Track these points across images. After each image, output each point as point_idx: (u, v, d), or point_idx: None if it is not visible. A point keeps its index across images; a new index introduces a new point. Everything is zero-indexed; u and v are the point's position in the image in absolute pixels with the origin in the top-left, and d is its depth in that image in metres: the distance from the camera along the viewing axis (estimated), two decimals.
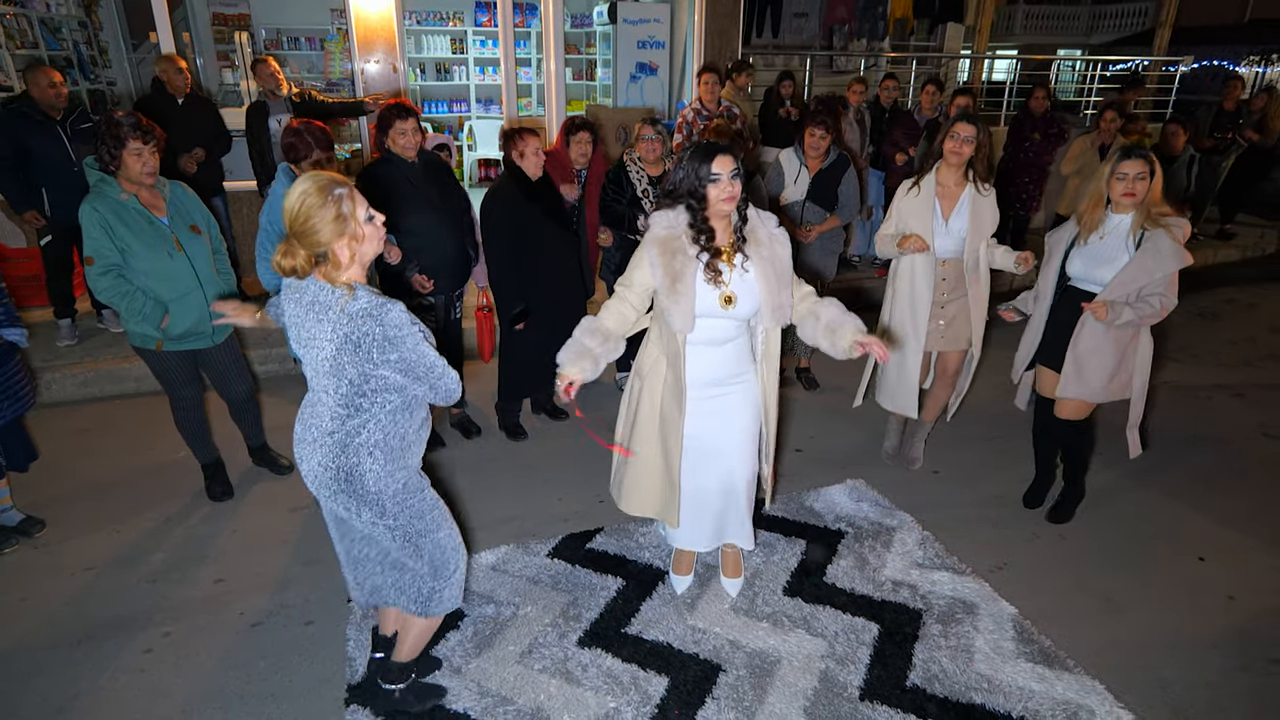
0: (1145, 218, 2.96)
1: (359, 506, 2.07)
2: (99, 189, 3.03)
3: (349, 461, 2.03)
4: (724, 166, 2.35)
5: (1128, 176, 2.93)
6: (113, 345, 4.93)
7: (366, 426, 2.01)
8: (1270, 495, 3.77)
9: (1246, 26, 20.46)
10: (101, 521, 3.43)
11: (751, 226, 2.50)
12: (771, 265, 2.47)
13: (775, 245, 2.50)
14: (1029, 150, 6.53)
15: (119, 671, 2.61)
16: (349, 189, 1.91)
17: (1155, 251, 2.94)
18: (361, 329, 1.88)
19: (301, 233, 1.86)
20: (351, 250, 1.92)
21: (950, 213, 3.45)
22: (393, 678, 2.38)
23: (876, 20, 11.51)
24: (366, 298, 1.91)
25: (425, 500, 2.17)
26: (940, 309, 3.56)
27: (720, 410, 2.62)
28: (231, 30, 8.09)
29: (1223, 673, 2.65)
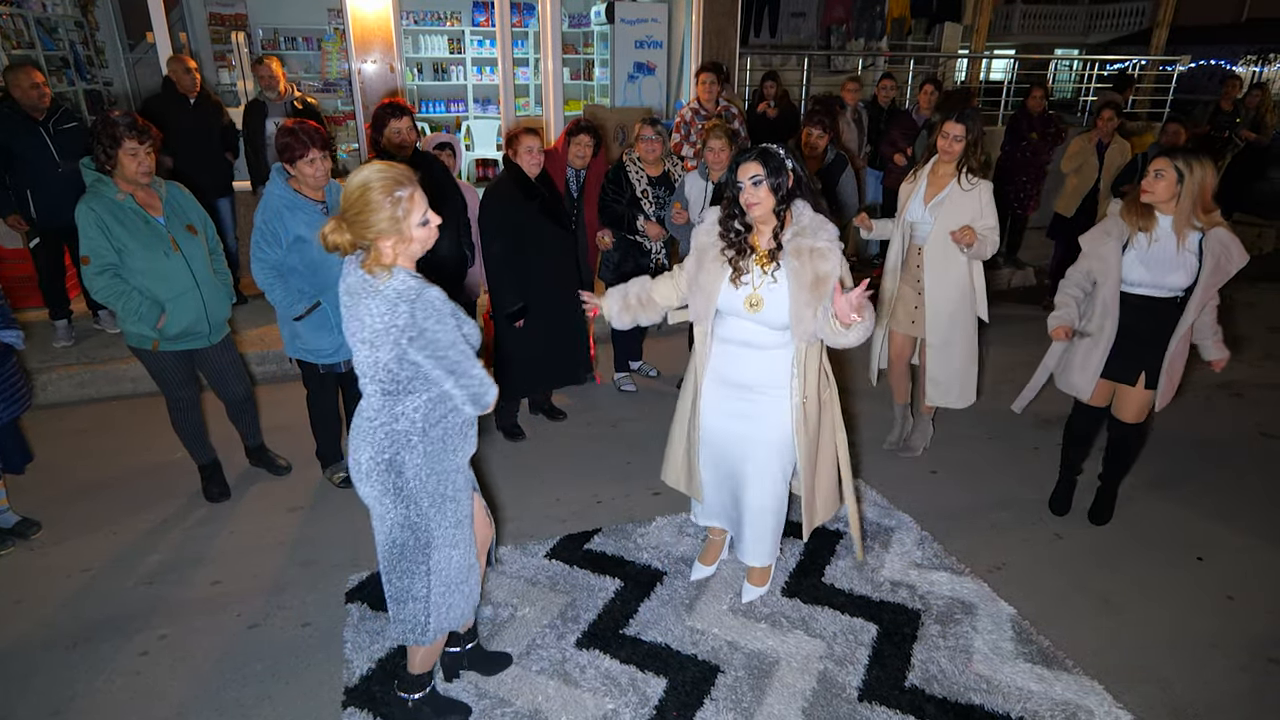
0: (1193, 218, 2.91)
1: (394, 502, 2.04)
2: (95, 189, 3.02)
3: (396, 454, 2.01)
4: (744, 174, 2.39)
5: (1148, 174, 2.94)
6: (109, 346, 4.92)
7: (405, 415, 1.99)
8: (1268, 494, 3.77)
9: (1243, 26, 20.51)
10: (98, 523, 3.42)
11: (795, 235, 2.43)
12: (803, 278, 2.40)
13: (815, 259, 2.40)
14: (1026, 150, 6.54)
15: (115, 674, 2.60)
16: (411, 191, 1.90)
17: (1225, 249, 2.92)
18: (394, 310, 1.86)
19: (353, 220, 1.87)
20: (396, 250, 1.91)
21: (932, 198, 3.54)
22: (407, 687, 2.34)
23: (874, 20, 11.52)
24: (404, 281, 1.88)
25: (455, 514, 2.13)
26: (916, 294, 3.66)
27: (747, 415, 2.63)
28: (228, 30, 8.06)
29: (1222, 672, 2.65)
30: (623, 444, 4.14)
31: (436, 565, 2.12)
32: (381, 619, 2.81)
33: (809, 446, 2.65)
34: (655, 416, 4.43)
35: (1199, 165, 2.87)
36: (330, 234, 1.90)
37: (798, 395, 2.57)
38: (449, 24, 9.27)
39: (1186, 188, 2.87)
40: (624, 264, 4.44)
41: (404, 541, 2.09)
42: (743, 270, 2.48)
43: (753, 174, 2.37)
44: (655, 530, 3.36)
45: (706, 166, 4.16)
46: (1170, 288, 3.02)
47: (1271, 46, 20.13)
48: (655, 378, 4.95)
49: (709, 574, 3.07)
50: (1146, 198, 2.94)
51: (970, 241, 3.33)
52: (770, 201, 2.40)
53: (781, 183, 2.39)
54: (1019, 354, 5.34)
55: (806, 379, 2.56)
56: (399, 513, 2.06)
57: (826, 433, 2.75)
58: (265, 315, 5.30)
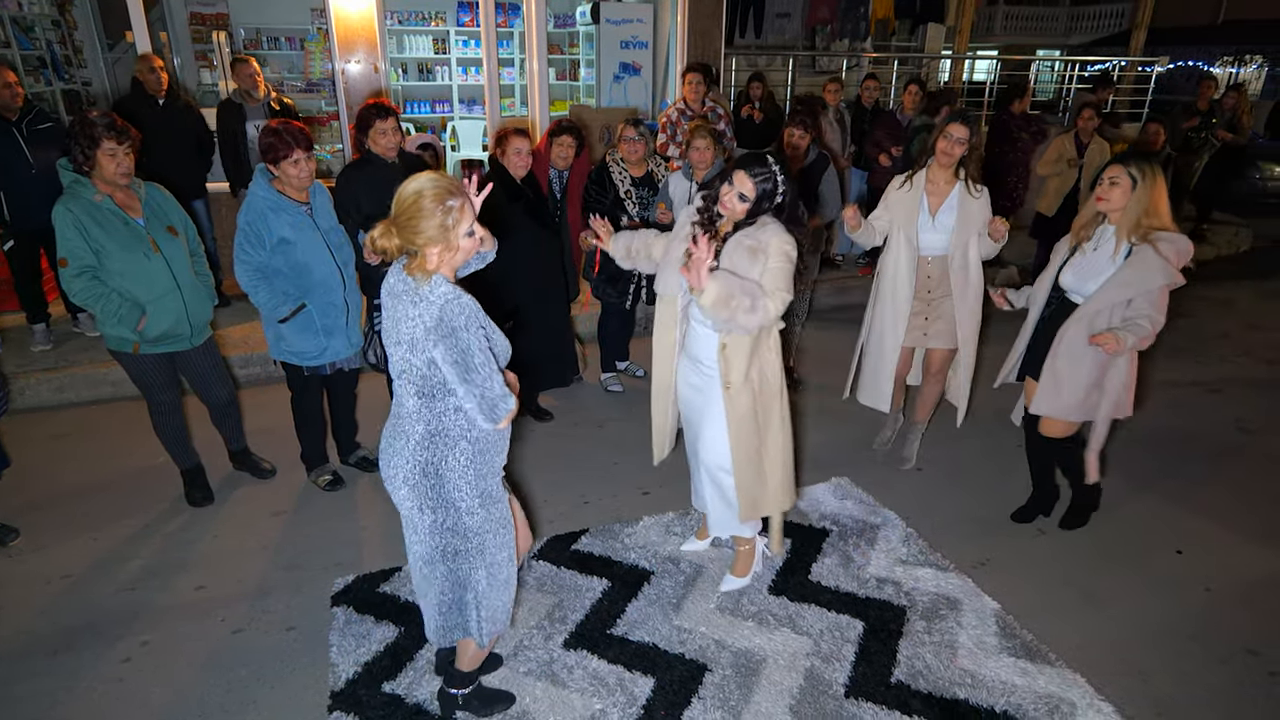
0: (1132, 229, 2.84)
1: (435, 508, 2.06)
2: (73, 190, 2.99)
3: (435, 456, 2.03)
4: (739, 183, 2.49)
5: (1103, 181, 2.91)
6: (89, 349, 4.86)
7: (447, 416, 2.02)
8: (1245, 488, 3.82)
9: (1220, 28, 20.76)
10: (78, 529, 3.38)
11: (743, 233, 2.56)
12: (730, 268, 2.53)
13: (744, 258, 2.52)
14: (1017, 149, 6.58)
15: (97, 681, 2.57)
16: (461, 202, 1.94)
17: (1139, 265, 2.83)
18: (426, 314, 1.90)
19: (403, 226, 1.91)
20: (442, 258, 1.95)
21: (938, 209, 3.47)
22: (457, 684, 2.38)
23: (858, 21, 11.59)
24: (442, 287, 1.93)
25: (499, 514, 2.15)
26: (926, 305, 3.58)
27: (701, 388, 2.76)
28: (210, 30, 8.00)
29: (1201, 664, 2.69)
30: (610, 444, 4.14)
31: (489, 565, 2.15)
32: (368, 622, 2.80)
33: (736, 433, 2.70)
34: (642, 417, 4.40)
35: (1151, 173, 2.83)
36: (379, 238, 1.93)
37: (723, 379, 2.66)
38: (434, 24, 9.24)
39: (1137, 195, 2.82)
40: (608, 264, 4.43)
41: (450, 546, 2.12)
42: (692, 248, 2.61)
43: (743, 191, 2.49)
44: (642, 530, 3.36)
45: (690, 166, 4.17)
46: (1086, 295, 2.98)
47: (1247, 48, 20.43)
48: (642, 378, 4.96)
49: (699, 548, 3.20)
50: (1102, 205, 2.90)
51: (1003, 231, 3.33)
52: (741, 216, 2.55)
53: (762, 208, 2.53)
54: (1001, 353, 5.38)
55: (731, 365, 2.62)
56: (440, 517, 2.08)
57: (758, 425, 2.74)
58: (248, 317, 5.26)
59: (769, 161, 2.49)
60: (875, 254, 3.68)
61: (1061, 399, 3.07)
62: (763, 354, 2.68)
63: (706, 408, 2.75)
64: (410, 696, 2.49)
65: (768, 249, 2.51)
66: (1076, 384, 3.03)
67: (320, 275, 3.27)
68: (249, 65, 5.34)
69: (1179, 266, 2.83)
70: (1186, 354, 5.60)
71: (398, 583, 3.01)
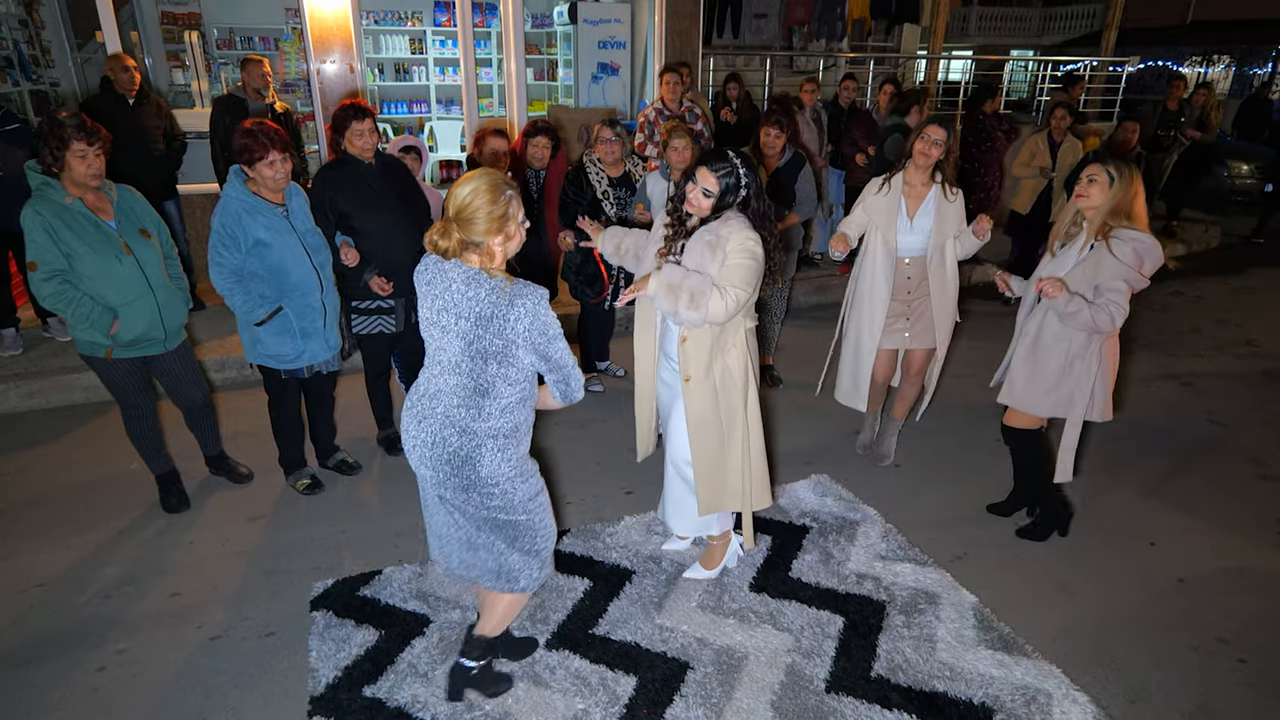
0: (1099, 227, 2.87)
1: (467, 491, 2.14)
2: (42, 192, 2.94)
3: (469, 445, 2.10)
4: (701, 179, 2.53)
5: (1082, 179, 2.92)
6: (60, 354, 4.79)
7: (491, 413, 2.09)
8: (1216, 480, 3.90)
9: (1188, 28, 21.13)
10: (50, 537, 3.33)
11: (705, 228, 2.58)
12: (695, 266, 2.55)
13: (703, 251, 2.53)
14: (990, 148, 6.66)
15: (71, 690, 2.53)
16: (514, 194, 2.04)
17: (1092, 262, 2.87)
18: (502, 307, 1.98)
19: (465, 220, 1.99)
20: (504, 247, 2.06)
21: (915, 212, 3.51)
22: (476, 654, 2.42)
23: (835, 21, 11.66)
24: (529, 293, 2.02)
25: (533, 485, 2.25)
26: (906, 306, 3.61)
27: (670, 383, 2.80)
28: (181, 29, 7.90)
29: (1174, 653, 2.74)
30: (591, 444, 4.14)
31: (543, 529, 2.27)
32: (348, 626, 2.78)
33: (695, 428, 2.71)
34: (623, 417, 4.43)
35: (1129, 172, 2.85)
36: (439, 238, 2.01)
37: (681, 372, 2.67)
38: (410, 24, 9.18)
39: (1111, 192, 2.84)
40: (586, 265, 4.44)
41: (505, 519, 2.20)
42: (671, 250, 2.67)
43: (706, 186, 2.52)
44: (624, 530, 3.37)
45: (668, 166, 4.18)
46: None
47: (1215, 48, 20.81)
48: (622, 378, 4.96)
49: (680, 547, 3.22)
50: (1082, 203, 2.92)
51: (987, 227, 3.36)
52: (707, 211, 2.57)
53: (727, 202, 2.55)
54: (980, 349, 5.45)
55: (690, 359, 2.63)
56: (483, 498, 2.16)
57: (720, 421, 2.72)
58: (224, 321, 5.19)
59: (729, 157, 2.52)
60: (853, 253, 3.71)
61: (1024, 391, 3.11)
62: (726, 350, 2.67)
63: (674, 402, 2.78)
64: (391, 700, 2.47)
65: (726, 243, 2.52)
66: (1039, 376, 3.06)
67: (297, 277, 3.24)
68: (261, 65, 5.32)
69: (1140, 266, 2.82)
70: (1158, 348, 5.70)
71: (378, 586, 2.99)
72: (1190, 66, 20.93)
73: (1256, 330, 6.16)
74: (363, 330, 3.73)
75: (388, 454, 4.00)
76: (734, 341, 2.67)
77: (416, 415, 2.17)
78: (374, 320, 3.71)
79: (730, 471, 2.79)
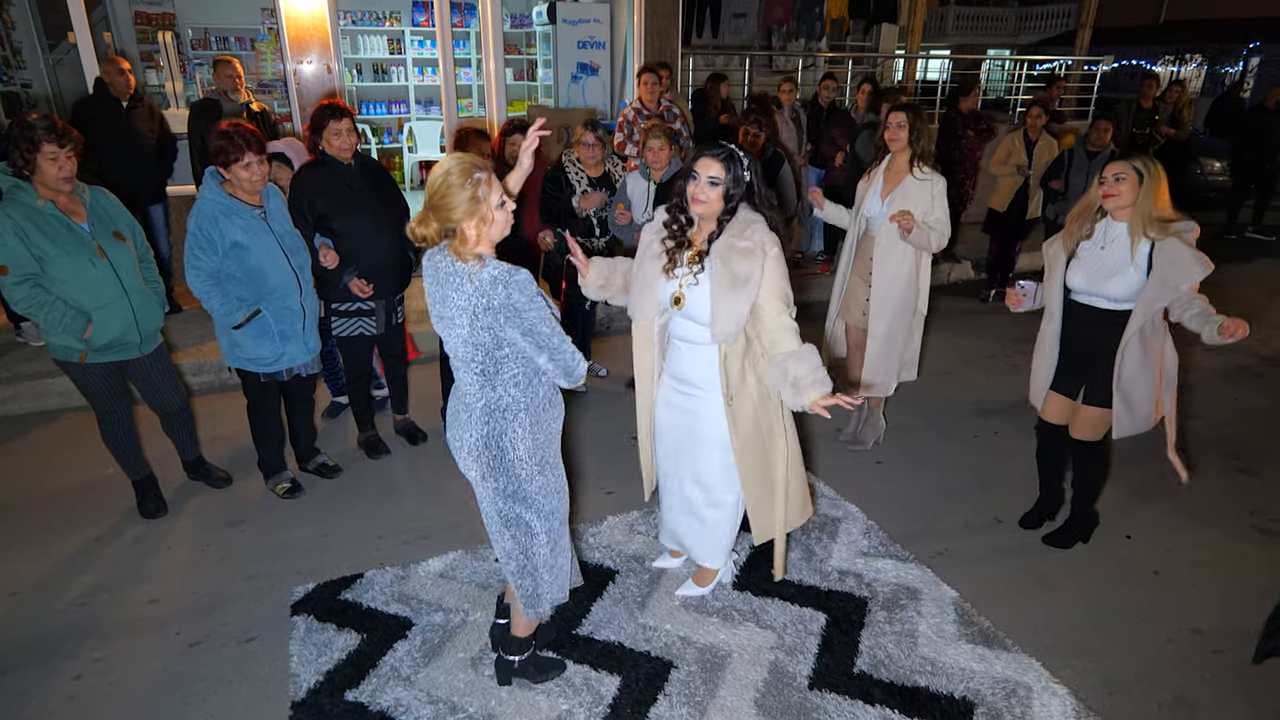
0: (1147, 224, 2.75)
1: (498, 474, 2.18)
2: (13, 195, 2.90)
3: (498, 427, 2.14)
4: (703, 169, 2.37)
5: (1106, 179, 2.81)
6: (33, 359, 4.71)
7: (508, 391, 2.13)
8: (1192, 473, 3.94)
9: (1161, 28, 21.43)
10: (25, 544, 3.27)
11: (731, 236, 2.40)
12: (725, 279, 2.38)
13: (740, 260, 2.37)
14: (964, 147, 6.72)
15: (48, 699, 2.49)
16: (488, 174, 2.04)
17: (1174, 262, 2.72)
18: (490, 294, 1.99)
19: (437, 206, 2.00)
20: (479, 231, 2.04)
21: (889, 193, 3.63)
22: (513, 649, 2.48)
23: (814, 21, 11.72)
24: (495, 266, 2.02)
25: (552, 481, 2.28)
26: (868, 286, 3.74)
27: (690, 410, 2.64)
28: (155, 30, 7.80)
29: (1150, 644, 2.78)
30: (573, 444, 4.13)
31: (549, 530, 2.29)
32: (329, 630, 2.76)
33: (742, 448, 2.60)
34: (605, 417, 4.43)
35: (1155, 167, 2.77)
36: (418, 227, 2.03)
37: (723, 393, 2.54)
38: (388, 24, 9.13)
39: (1145, 189, 2.75)
40: (563, 265, 4.43)
41: (515, 512, 2.24)
42: (676, 263, 2.49)
43: (711, 174, 2.36)
44: (606, 530, 3.37)
45: (648, 166, 4.19)
46: (1110, 298, 2.87)
47: (1187, 47, 21.13)
48: (604, 378, 4.96)
49: (671, 565, 3.12)
50: (1111, 203, 2.81)
51: (909, 226, 3.41)
52: (718, 206, 2.40)
53: (736, 192, 2.39)
54: (957, 346, 5.50)
55: (729, 378, 2.51)
56: (505, 483, 2.20)
57: (764, 436, 2.62)
58: (202, 324, 5.14)
59: (722, 143, 2.41)
60: (834, 250, 3.80)
61: (1138, 417, 2.99)
62: (756, 361, 2.52)
63: (690, 425, 2.65)
64: (374, 704, 2.46)
65: (765, 247, 2.37)
66: (1145, 396, 2.95)
67: (275, 280, 3.21)
68: (231, 66, 5.26)
69: None
70: None
71: (359, 590, 2.97)
72: (1163, 65, 21.21)
73: None
74: (343, 332, 3.70)
75: (369, 457, 3.97)
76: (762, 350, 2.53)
77: (452, 420, 2.25)
78: (354, 322, 3.68)
79: (778, 491, 2.68)
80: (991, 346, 5.56)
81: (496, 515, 2.27)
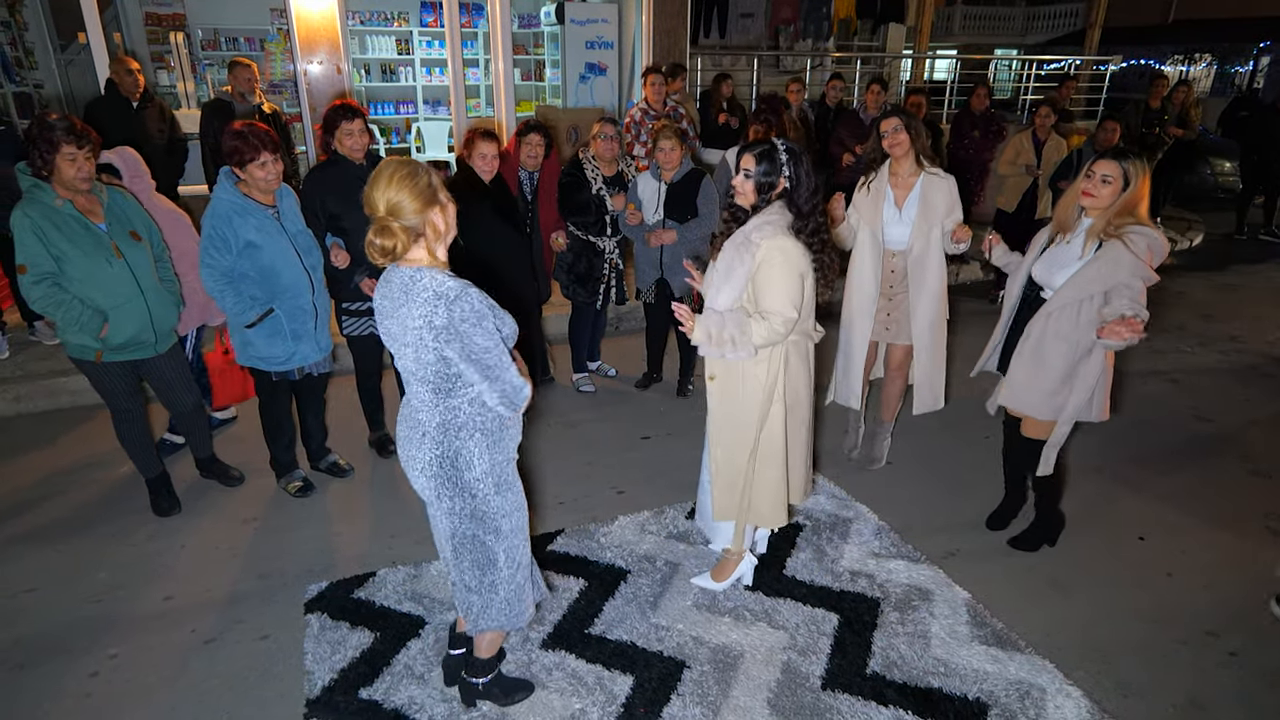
0: (1105, 225, 2.76)
1: (454, 494, 2.09)
2: (32, 195, 2.92)
3: (453, 446, 2.05)
4: (744, 163, 2.53)
5: (1094, 176, 2.77)
6: (48, 358, 4.74)
7: (460, 408, 2.04)
8: (1204, 475, 3.95)
9: (1170, 27, 21.34)
10: (41, 542, 3.30)
11: (740, 230, 2.54)
12: (722, 267, 2.54)
13: (735, 252, 2.50)
14: (969, 147, 6.72)
15: (63, 696, 2.51)
16: (428, 166, 1.97)
17: (1108, 261, 2.73)
18: (434, 310, 1.89)
19: (395, 204, 1.89)
20: (444, 218, 1.96)
21: (904, 202, 3.49)
22: (477, 671, 2.42)
23: (821, 21, 11.72)
24: (443, 282, 1.92)
25: (515, 499, 2.19)
26: (889, 301, 3.59)
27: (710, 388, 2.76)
28: (166, 30, 7.84)
29: (1163, 647, 2.77)
30: (583, 444, 4.14)
31: (507, 551, 2.19)
32: (343, 628, 2.77)
33: (717, 428, 2.72)
34: (614, 417, 4.44)
35: (1143, 170, 2.74)
36: (379, 238, 1.90)
37: (708, 369, 2.68)
38: (397, 24, 9.15)
39: (1125, 195, 2.74)
40: (577, 264, 4.44)
41: (471, 533, 2.14)
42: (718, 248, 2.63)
43: (746, 168, 2.52)
44: (618, 529, 3.37)
45: (659, 167, 4.19)
46: (1052, 286, 2.89)
47: (1197, 47, 21.05)
48: (613, 378, 4.96)
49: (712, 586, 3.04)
50: (1089, 202, 2.79)
51: (966, 238, 3.37)
52: (752, 197, 2.54)
53: (768, 183, 2.51)
54: (968, 347, 5.49)
55: (714, 360, 2.63)
56: (461, 504, 2.11)
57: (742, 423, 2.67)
58: None
59: (773, 141, 2.53)
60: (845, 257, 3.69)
61: (1024, 392, 3.00)
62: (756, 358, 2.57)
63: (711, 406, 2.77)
64: (388, 702, 2.47)
65: (756, 248, 2.44)
66: (1042, 380, 2.94)
67: (288, 279, 3.23)
68: (248, 69, 5.29)
69: (1152, 263, 2.72)
70: (1143, 345, 5.74)
71: (372, 588, 2.99)
72: (1172, 65, 21.15)
73: (1240, 326, 6.23)
74: (353, 332, 3.72)
75: (379, 456, 3.99)
76: (764, 353, 2.57)
77: (403, 437, 2.15)
78: (364, 322, 3.69)
79: (739, 477, 2.74)
80: None
81: (450, 536, 2.17)
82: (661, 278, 4.36)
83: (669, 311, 4.50)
